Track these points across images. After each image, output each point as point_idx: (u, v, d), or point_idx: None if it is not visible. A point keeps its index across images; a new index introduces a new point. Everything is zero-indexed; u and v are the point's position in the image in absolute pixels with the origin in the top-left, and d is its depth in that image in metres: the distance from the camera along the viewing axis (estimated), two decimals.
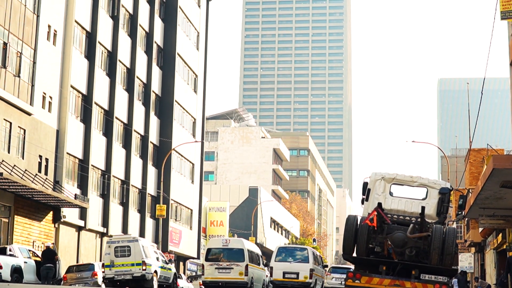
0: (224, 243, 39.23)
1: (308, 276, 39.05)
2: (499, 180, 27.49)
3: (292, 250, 41.37)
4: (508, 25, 40.56)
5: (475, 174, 52.18)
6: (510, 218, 37.14)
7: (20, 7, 44.01)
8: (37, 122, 46.40)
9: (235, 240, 40.23)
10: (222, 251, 39.14)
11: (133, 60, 63.55)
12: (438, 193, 27.02)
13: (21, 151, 44.28)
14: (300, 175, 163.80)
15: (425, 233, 26.05)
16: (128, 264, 36.44)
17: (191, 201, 78.44)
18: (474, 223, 52.91)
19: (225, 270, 38.33)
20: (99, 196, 56.93)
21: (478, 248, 60.24)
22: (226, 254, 38.97)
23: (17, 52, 43.57)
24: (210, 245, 39.80)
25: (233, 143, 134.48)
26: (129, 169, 62.11)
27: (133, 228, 62.41)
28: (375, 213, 25.89)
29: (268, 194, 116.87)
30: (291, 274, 39.13)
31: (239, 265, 38.31)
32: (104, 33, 57.88)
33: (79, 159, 53.47)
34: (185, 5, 75.85)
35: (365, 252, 26.49)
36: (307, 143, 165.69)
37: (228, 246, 38.93)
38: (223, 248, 39.04)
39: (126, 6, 62.52)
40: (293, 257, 40.08)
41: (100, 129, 57.41)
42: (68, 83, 51.16)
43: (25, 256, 33.67)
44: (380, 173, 27.69)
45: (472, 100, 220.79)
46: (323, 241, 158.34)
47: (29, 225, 45.05)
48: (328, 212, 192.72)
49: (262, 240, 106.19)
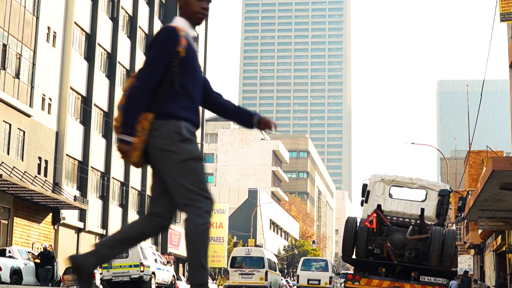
0: (246, 252, 45.30)
1: (328, 282, 46.79)
2: (498, 182, 27.51)
3: (315, 261, 50.61)
4: (507, 27, 40.59)
5: (475, 176, 52.24)
6: (509, 220, 37.16)
7: (19, 9, 44.02)
8: (37, 123, 46.40)
9: (256, 250, 46.60)
10: (245, 259, 44.76)
11: (133, 62, 63.57)
12: (438, 195, 26.99)
13: (21, 152, 44.28)
14: (300, 177, 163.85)
15: (424, 235, 26.03)
16: (126, 266, 36.37)
17: None
18: (474, 225, 52.94)
19: (248, 275, 43.74)
20: (98, 198, 56.94)
21: (478, 250, 60.29)
22: (248, 261, 44.50)
23: (17, 54, 43.58)
24: (234, 254, 45.56)
25: (232, 145, 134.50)
26: (128, 171, 62.12)
27: None
28: (374, 215, 25.86)
29: (268, 196, 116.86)
30: (314, 281, 46.98)
31: (260, 271, 43.82)
32: (103, 34, 57.89)
33: (79, 160, 53.47)
34: None
35: (364, 254, 26.47)
36: (306, 145, 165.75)
37: (250, 255, 44.78)
38: (246, 256, 44.82)
39: (125, 8, 62.54)
40: (316, 267, 48.44)
41: (99, 130, 57.42)
42: (67, 85, 51.17)
43: (24, 258, 33.65)
44: (380, 175, 27.68)
45: (471, 102, 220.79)
46: (323, 243, 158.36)
47: (29, 227, 45.05)
48: (327, 214, 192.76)
49: (262, 242, 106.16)
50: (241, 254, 45.30)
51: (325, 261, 49.99)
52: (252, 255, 44.79)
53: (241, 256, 44.96)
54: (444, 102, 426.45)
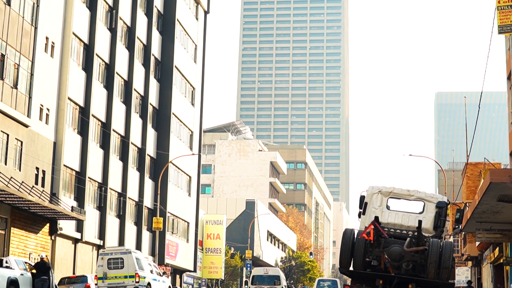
0: (264, 271, 55.93)
1: None
2: (496, 194, 27.53)
3: (327, 281, 64.47)
4: (505, 39, 40.70)
5: (472, 188, 52.22)
6: (507, 232, 37.15)
7: (18, 19, 44.05)
8: (34, 134, 46.38)
9: (273, 269, 57.28)
10: (263, 277, 55.21)
11: (131, 73, 63.58)
12: (435, 207, 26.98)
13: (18, 163, 44.23)
14: (297, 188, 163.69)
15: (422, 247, 26.01)
16: (121, 276, 36.34)
17: (188, 214, 78.37)
18: (471, 237, 52.91)
19: None
20: (95, 208, 56.86)
21: (475, 262, 60.24)
22: (267, 279, 54.97)
23: (15, 64, 43.58)
24: (254, 273, 56.02)
25: (230, 156, 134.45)
26: (126, 182, 62.06)
27: (129, 240, 62.32)
28: (372, 227, 25.85)
29: (265, 207, 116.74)
30: None
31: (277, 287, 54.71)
32: (101, 45, 57.92)
33: (76, 171, 53.43)
34: (182, 18, 75.96)
35: (362, 265, 26.44)
36: (304, 156, 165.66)
37: (268, 274, 55.33)
38: (264, 275, 55.30)
39: (124, 19, 62.59)
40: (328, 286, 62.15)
41: (97, 141, 57.38)
42: (65, 95, 51.16)
43: (21, 268, 33.56)
44: (377, 186, 27.67)
45: (469, 114, 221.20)
46: (320, 254, 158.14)
47: (26, 237, 44.96)
48: (325, 226, 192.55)
49: (259, 253, 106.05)
50: (260, 273, 55.60)
51: (336, 281, 63.35)
52: (270, 274, 55.30)
53: (260, 275, 55.28)
54: (442, 114, 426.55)
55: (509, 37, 39.44)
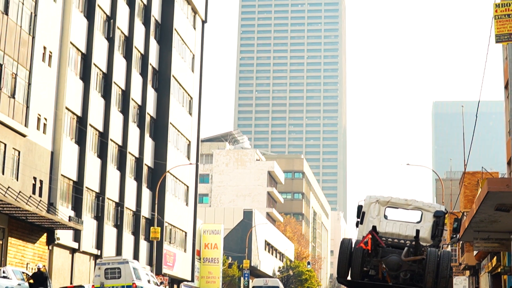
0: (264, 282, 58.78)
1: None
2: (493, 203, 27.51)
3: None
4: (502, 48, 40.74)
5: (470, 197, 52.20)
6: (504, 241, 37.12)
7: (15, 28, 44.06)
8: (32, 143, 46.33)
9: (272, 280, 60.27)
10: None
11: (128, 82, 63.57)
12: (433, 216, 26.99)
13: (16, 172, 44.17)
14: (295, 197, 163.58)
15: (419, 257, 26.01)
16: (119, 286, 36.34)
17: (186, 223, 78.27)
18: (469, 246, 52.88)
19: None
20: (93, 218, 56.78)
21: (473, 271, 60.17)
22: None
23: (12, 73, 43.57)
24: (254, 284, 58.80)
25: (227, 166, 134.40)
26: (123, 191, 61.99)
27: (127, 250, 62.21)
28: (369, 236, 25.86)
29: (263, 216, 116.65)
30: None
31: None
32: (99, 55, 57.93)
33: (74, 181, 53.37)
34: (180, 27, 76.02)
35: (359, 275, 26.43)
36: (301, 165, 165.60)
37: (268, 285, 58.02)
38: (264, 286, 57.97)
39: (121, 28, 62.61)
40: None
41: (94, 151, 57.35)
42: (63, 105, 51.13)
43: (18, 278, 33.53)
44: (375, 196, 27.68)
45: (466, 123, 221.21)
46: (318, 264, 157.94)
47: (23, 247, 44.88)
48: (322, 235, 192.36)
49: (257, 263, 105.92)
50: (260, 284, 58.62)
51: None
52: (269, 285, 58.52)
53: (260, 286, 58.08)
54: (439, 123, 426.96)
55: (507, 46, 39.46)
